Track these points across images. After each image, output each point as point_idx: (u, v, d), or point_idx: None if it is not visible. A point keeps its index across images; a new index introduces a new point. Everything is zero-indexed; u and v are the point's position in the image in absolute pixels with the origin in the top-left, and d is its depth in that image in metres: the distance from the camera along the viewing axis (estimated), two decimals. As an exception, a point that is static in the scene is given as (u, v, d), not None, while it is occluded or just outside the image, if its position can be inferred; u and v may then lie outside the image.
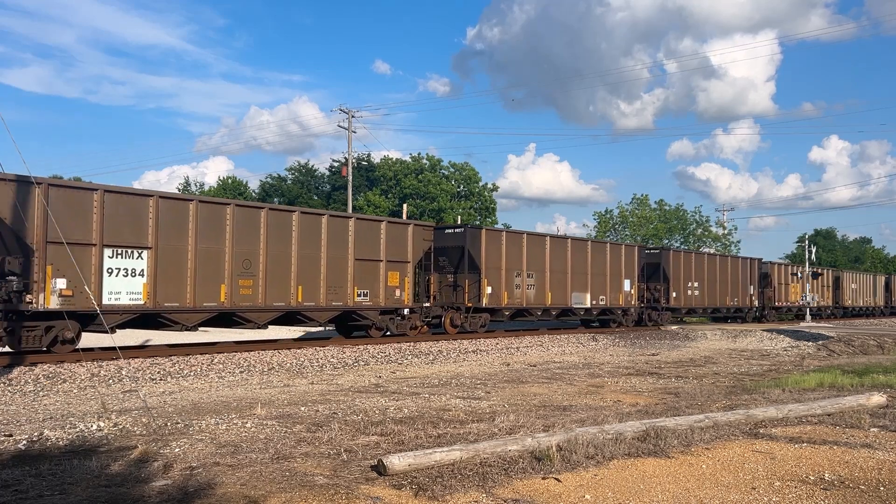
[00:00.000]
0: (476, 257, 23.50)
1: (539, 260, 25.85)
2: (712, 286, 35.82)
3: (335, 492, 5.52)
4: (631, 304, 29.99)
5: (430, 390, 12.22)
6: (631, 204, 63.20)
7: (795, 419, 8.84)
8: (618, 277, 29.41)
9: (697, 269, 34.75)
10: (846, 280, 51.63)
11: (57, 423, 8.49)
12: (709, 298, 35.49)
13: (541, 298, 25.91)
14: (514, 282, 24.86)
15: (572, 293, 27.15)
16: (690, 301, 34.12)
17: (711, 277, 35.74)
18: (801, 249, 77.39)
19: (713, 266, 36.41)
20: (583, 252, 28.00)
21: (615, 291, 29.21)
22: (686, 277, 33.76)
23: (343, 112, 44.61)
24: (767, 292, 41.23)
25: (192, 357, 15.80)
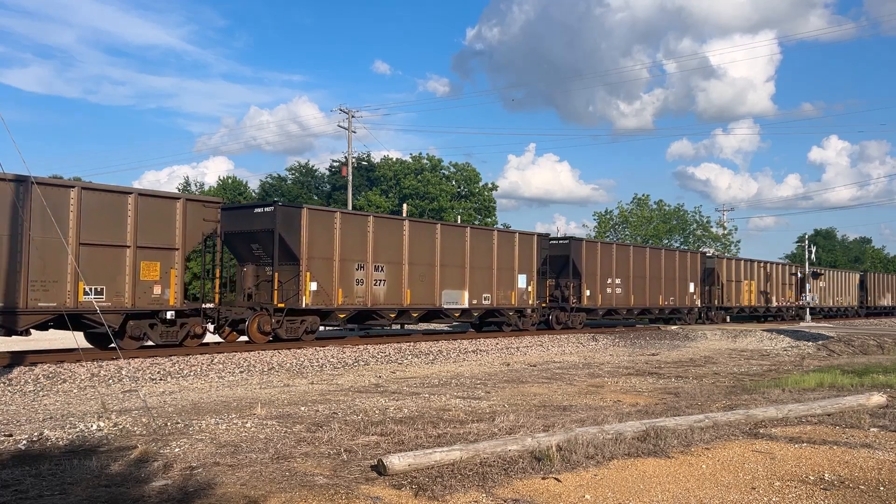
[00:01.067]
0: (293, 244, 18.60)
1: (393, 249, 20.96)
2: (640, 283, 31.06)
3: (335, 492, 5.52)
4: (528, 303, 25.58)
5: (430, 390, 12.22)
6: (631, 204, 63.30)
7: (795, 419, 8.84)
8: (509, 272, 24.82)
9: (620, 264, 30.11)
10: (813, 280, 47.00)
11: (57, 423, 8.49)
12: (636, 297, 30.80)
13: (395, 297, 21.01)
14: (355, 276, 19.98)
15: (442, 291, 22.25)
16: (610, 300, 29.48)
17: (639, 273, 31.02)
18: (800, 249, 77.38)
19: (641, 260, 31.49)
20: (458, 240, 23.21)
21: (506, 288, 24.66)
22: (605, 273, 29.16)
23: (343, 112, 44.64)
24: (714, 291, 36.75)
25: (192, 357, 15.80)
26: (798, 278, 44.34)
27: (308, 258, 18.67)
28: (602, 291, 29.14)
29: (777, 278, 42.20)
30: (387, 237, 20.94)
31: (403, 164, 56.60)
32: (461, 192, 56.82)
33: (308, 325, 19.14)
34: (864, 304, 53.60)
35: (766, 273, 41.11)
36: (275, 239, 18.50)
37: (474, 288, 23.55)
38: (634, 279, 30.76)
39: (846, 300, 50.96)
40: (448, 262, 22.65)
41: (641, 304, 31.25)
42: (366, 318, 20.94)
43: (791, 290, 43.67)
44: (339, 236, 19.58)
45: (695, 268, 34.97)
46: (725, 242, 64.85)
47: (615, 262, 29.87)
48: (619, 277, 29.87)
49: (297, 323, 18.89)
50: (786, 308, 43.16)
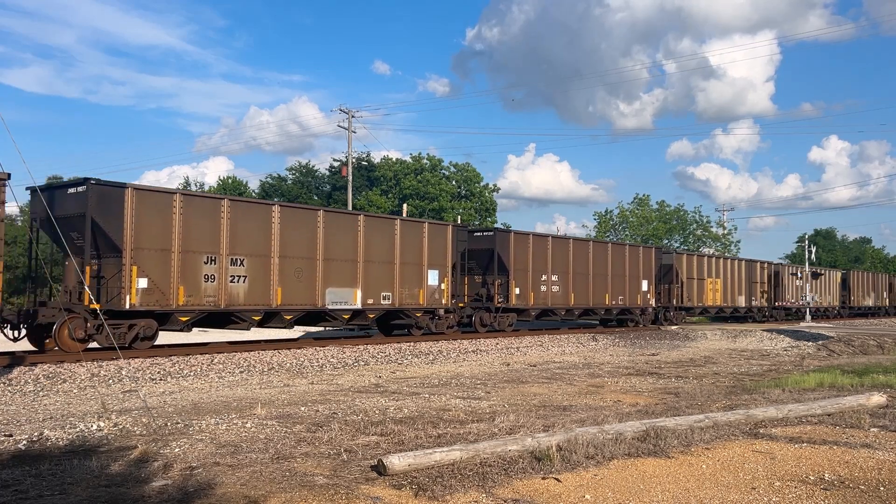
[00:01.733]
0: (114, 232, 15.32)
1: (258, 240, 17.65)
2: (583, 281, 27.98)
3: (335, 492, 5.52)
4: (441, 303, 22.41)
5: (430, 390, 12.22)
6: (632, 204, 63.30)
7: (795, 419, 8.84)
8: (416, 267, 21.62)
9: (558, 259, 26.98)
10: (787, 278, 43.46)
11: (57, 423, 8.49)
12: (577, 296, 27.67)
13: (259, 296, 17.57)
14: (204, 271, 16.44)
15: (327, 289, 19.02)
16: (545, 299, 26.29)
17: (581, 270, 27.96)
18: (801, 249, 77.42)
19: (583, 255, 28.29)
20: (349, 230, 19.90)
21: (411, 286, 21.53)
22: (538, 269, 26.03)
23: (343, 112, 44.63)
24: (674, 289, 33.43)
25: (192, 357, 15.80)
26: (771, 276, 41.66)
27: (134, 249, 15.39)
28: (535, 290, 25.92)
29: (747, 276, 39.15)
30: (249, 225, 17.45)
31: (403, 164, 56.61)
32: (461, 192, 56.83)
33: (140, 331, 15.66)
34: (847, 304, 50.93)
35: (734, 270, 38.12)
36: (87, 225, 15.17)
37: (370, 285, 20.12)
38: (575, 276, 27.67)
39: (827, 300, 48.27)
40: (335, 255, 19.26)
41: (583, 304, 28.11)
42: (222, 322, 17.42)
43: (764, 290, 40.76)
44: (180, 223, 16.08)
45: (648, 264, 31.65)
46: (725, 242, 64.85)
47: (551, 256, 26.66)
48: (556, 274, 26.76)
49: (125, 328, 15.44)
50: (757, 309, 40.09)
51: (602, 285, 29.09)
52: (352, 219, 20.32)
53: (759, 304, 40.44)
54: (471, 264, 24.58)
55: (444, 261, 22.68)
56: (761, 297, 40.62)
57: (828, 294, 48.41)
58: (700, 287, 35.14)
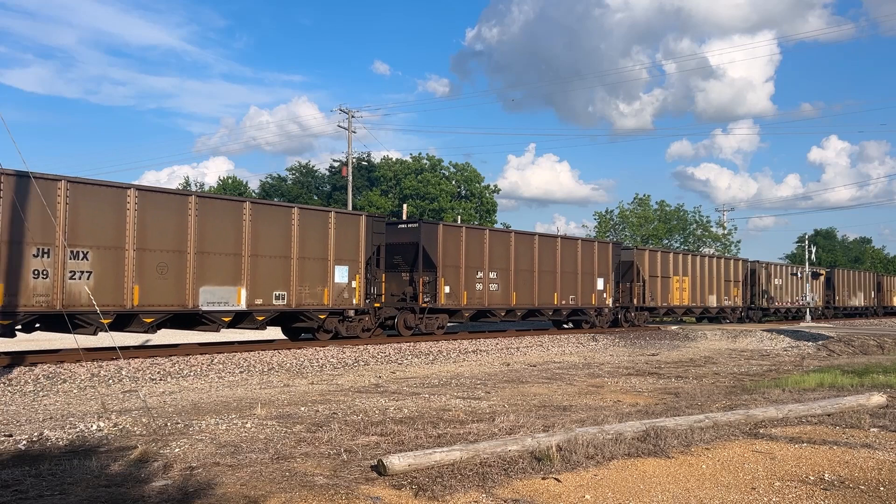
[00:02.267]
0: None
1: (108, 230, 14.96)
2: (527, 278, 25.38)
3: (335, 492, 5.52)
4: (351, 303, 19.89)
5: (430, 390, 12.22)
6: (632, 204, 63.31)
7: (795, 419, 8.84)
8: (320, 263, 19.05)
9: (497, 254, 24.29)
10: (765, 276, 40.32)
11: (57, 423, 8.49)
12: (520, 296, 25.02)
13: (112, 296, 14.90)
14: (32, 265, 13.75)
15: (200, 288, 16.41)
16: (481, 299, 23.58)
17: (526, 266, 25.37)
18: (801, 249, 77.50)
19: (527, 250, 25.60)
20: (230, 219, 17.21)
21: (314, 284, 18.91)
22: (473, 265, 23.32)
23: (343, 112, 44.63)
24: (635, 288, 30.84)
25: (192, 357, 15.80)
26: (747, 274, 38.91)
27: None
28: (469, 288, 23.17)
29: (718, 274, 36.32)
30: (96, 212, 14.76)
31: (403, 164, 56.64)
32: (461, 192, 56.85)
33: None
34: (832, 304, 47.80)
35: (704, 268, 35.27)
36: None
37: (258, 283, 17.58)
38: (518, 273, 24.96)
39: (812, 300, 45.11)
40: (211, 248, 16.67)
41: (527, 304, 25.49)
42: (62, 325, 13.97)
43: (737, 289, 37.75)
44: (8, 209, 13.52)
45: (605, 260, 29.03)
46: (725, 242, 64.87)
47: (489, 251, 23.95)
48: (494, 271, 24.06)
49: None
50: (730, 309, 37.32)
51: (550, 283, 26.43)
52: (235, 206, 17.59)
53: (733, 305, 37.51)
54: (396, 259, 22.40)
55: (356, 255, 19.96)
56: (735, 296, 37.71)
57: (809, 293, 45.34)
58: (665, 286, 32.38)
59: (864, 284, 52.54)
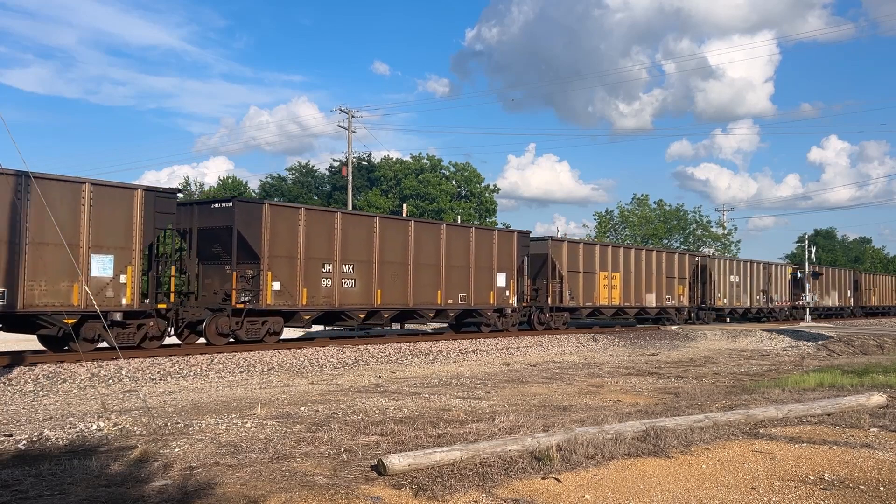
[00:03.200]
0: None
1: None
2: (398, 272, 20.87)
3: (335, 492, 5.52)
4: (120, 304, 15.20)
5: (430, 390, 12.23)
6: (631, 204, 63.33)
7: (795, 419, 8.84)
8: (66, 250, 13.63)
9: (354, 243, 19.67)
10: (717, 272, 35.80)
11: (57, 423, 8.49)
12: (387, 294, 20.55)
13: None
14: None
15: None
16: (329, 297, 18.98)
17: (396, 258, 20.85)
18: (801, 249, 77.46)
19: (399, 237, 21.01)
20: None
21: (56, 280, 14.17)
22: (317, 256, 18.76)
23: (343, 112, 44.63)
24: (552, 285, 26.52)
25: (192, 357, 15.80)
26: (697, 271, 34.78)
27: None
28: (310, 284, 18.60)
29: (659, 270, 32.02)
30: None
31: (404, 164, 56.63)
32: (461, 192, 56.84)
33: None
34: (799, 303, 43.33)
35: (641, 263, 31.07)
36: None
37: None
38: (385, 266, 20.53)
39: (778, 299, 40.86)
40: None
41: (398, 304, 20.97)
42: None
43: (683, 286, 33.55)
44: None
45: (508, 252, 24.69)
46: (725, 242, 64.91)
47: (341, 239, 19.38)
48: (349, 263, 19.58)
49: None
50: (675, 309, 33.02)
51: (431, 279, 21.94)
52: None
53: (678, 304, 33.17)
54: (216, 248, 17.91)
55: (128, 243, 15.38)
56: (681, 295, 33.37)
57: (776, 292, 41.11)
58: (589, 283, 28.15)
59: (840, 283, 47.95)
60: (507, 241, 24.88)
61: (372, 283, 20.23)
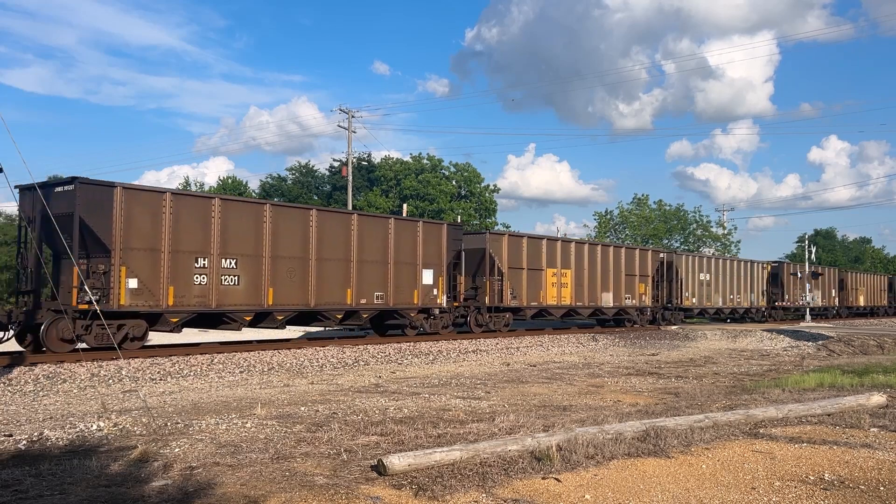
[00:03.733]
0: None
1: None
2: (294, 268, 18.27)
3: (335, 492, 5.52)
4: None
5: (430, 390, 12.23)
6: (631, 204, 63.33)
7: (795, 419, 8.84)
8: None
9: (238, 233, 17.07)
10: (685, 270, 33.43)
11: (57, 423, 8.49)
12: (281, 292, 17.89)
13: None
14: None
15: None
16: (204, 298, 16.35)
17: (293, 252, 18.19)
18: (801, 249, 77.48)
19: (298, 228, 18.40)
20: None
21: None
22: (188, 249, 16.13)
23: (343, 112, 44.61)
24: (492, 283, 24.04)
25: (192, 357, 15.80)
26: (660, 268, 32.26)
27: None
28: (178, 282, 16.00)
29: (618, 268, 29.52)
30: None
31: (404, 164, 56.61)
32: (461, 192, 56.84)
33: None
34: (779, 304, 40.75)
35: (596, 259, 28.47)
36: None
37: None
38: (278, 261, 17.86)
39: (747, 299, 37.92)
40: None
41: (296, 304, 18.26)
42: None
43: (645, 285, 30.90)
44: None
45: (437, 248, 21.95)
46: (725, 242, 64.91)
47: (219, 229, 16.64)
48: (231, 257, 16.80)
49: None
50: (636, 309, 30.59)
51: (339, 276, 19.36)
52: None
53: (639, 304, 30.70)
54: (67, 240, 13.99)
55: None
56: (643, 294, 31.00)
57: (750, 292, 38.44)
58: (535, 281, 25.63)
59: (823, 282, 45.52)
60: (434, 234, 22.06)
61: (261, 280, 17.55)
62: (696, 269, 34.31)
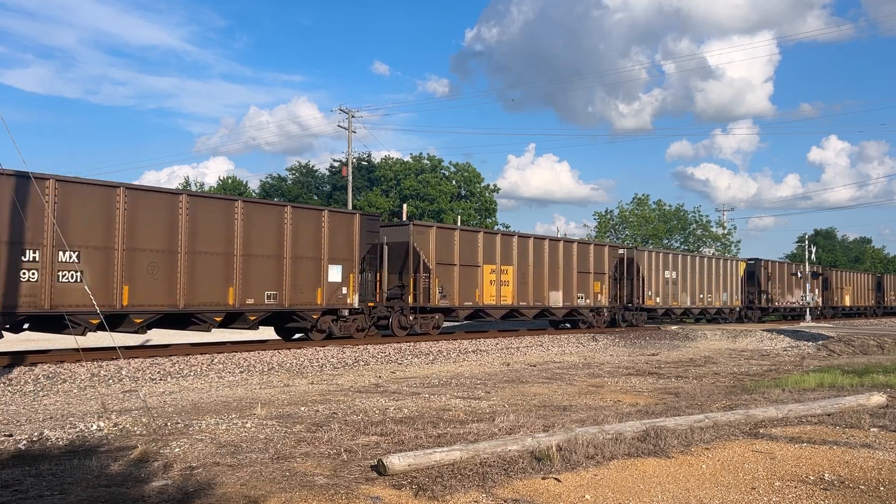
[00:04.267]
0: None
1: None
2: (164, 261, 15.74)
3: (335, 492, 5.52)
4: None
5: (430, 390, 12.22)
6: (631, 204, 63.34)
7: (795, 419, 8.84)
8: None
9: (90, 222, 14.68)
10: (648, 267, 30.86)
11: (57, 423, 8.49)
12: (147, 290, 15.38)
13: None
14: None
15: None
16: (34, 297, 13.80)
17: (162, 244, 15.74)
18: (801, 249, 77.47)
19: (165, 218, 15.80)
20: None
21: None
22: (15, 241, 13.62)
23: (343, 112, 44.62)
24: (418, 280, 21.71)
25: (192, 357, 15.80)
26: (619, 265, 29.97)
27: None
28: None
29: (568, 264, 26.90)
30: None
31: (404, 164, 56.62)
32: (462, 192, 56.83)
33: None
34: (757, 304, 38.50)
35: (542, 255, 25.84)
36: None
37: None
38: (135, 254, 15.37)
39: (719, 298, 35.57)
40: None
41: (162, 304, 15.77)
42: None
43: (602, 283, 28.65)
44: None
45: (347, 240, 19.56)
46: (725, 242, 64.92)
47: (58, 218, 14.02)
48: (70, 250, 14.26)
49: None
50: (592, 310, 28.33)
51: (218, 272, 16.78)
52: None
53: (594, 305, 28.30)
54: None
55: None
56: (599, 294, 28.49)
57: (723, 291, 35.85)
58: (468, 279, 23.05)
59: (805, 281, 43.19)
60: (344, 226, 19.53)
61: (113, 276, 14.99)
62: (661, 267, 31.66)
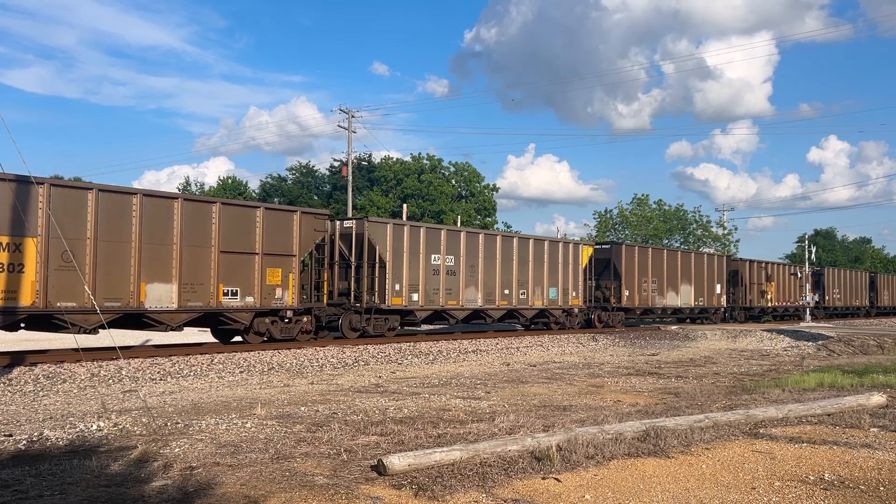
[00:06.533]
0: None
1: None
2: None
3: (335, 492, 5.52)
4: None
5: (430, 390, 12.22)
6: (631, 204, 63.33)
7: (795, 419, 8.84)
8: None
9: None
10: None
11: (57, 423, 8.49)
12: None
13: None
14: None
15: None
16: None
17: None
18: (801, 249, 77.46)
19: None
20: None
21: None
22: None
23: (343, 112, 44.60)
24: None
25: (192, 357, 15.80)
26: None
27: None
28: None
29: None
30: None
31: (404, 164, 56.61)
32: (461, 192, 56.83)
33: None
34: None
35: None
36: None
37: None
38: None
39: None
40: None
41: None
42: None
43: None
44: None
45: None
46: (725, 242, 64.91)
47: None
48: None
49: None
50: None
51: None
52: None
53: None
54: None
55: None
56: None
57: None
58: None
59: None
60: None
61: None
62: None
